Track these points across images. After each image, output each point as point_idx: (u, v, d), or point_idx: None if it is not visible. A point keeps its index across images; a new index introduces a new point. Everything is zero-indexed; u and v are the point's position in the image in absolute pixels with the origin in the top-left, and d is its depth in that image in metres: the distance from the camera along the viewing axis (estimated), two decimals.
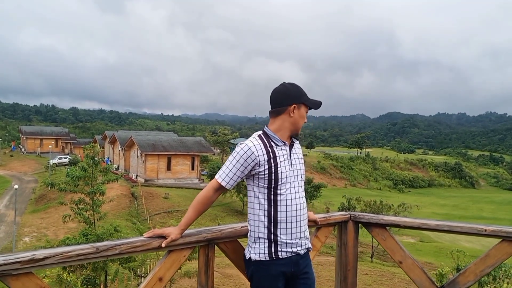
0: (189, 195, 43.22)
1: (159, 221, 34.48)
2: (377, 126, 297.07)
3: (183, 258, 2.71)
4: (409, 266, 3.26)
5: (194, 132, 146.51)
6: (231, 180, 2.69)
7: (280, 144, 2.71)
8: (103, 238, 15.35)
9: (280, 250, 2.65)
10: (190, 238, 2.69)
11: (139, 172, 49.98)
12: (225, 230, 2.84)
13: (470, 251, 32.02)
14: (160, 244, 2.57)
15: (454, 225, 3.18)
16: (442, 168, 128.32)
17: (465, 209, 78.48)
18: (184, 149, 51.44)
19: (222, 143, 77.12)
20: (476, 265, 3.05)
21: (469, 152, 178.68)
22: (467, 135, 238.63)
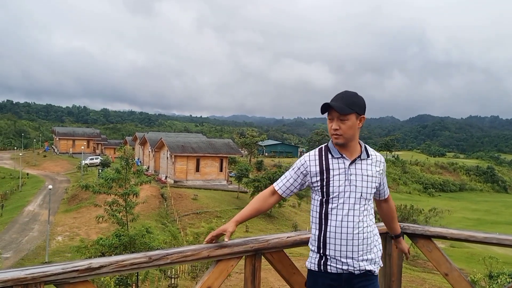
0: (217, 197, 43.46)
1: (188, 222, 34.77)
2: (406, 129, 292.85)
3: (230, 268, 2.73)
4: (456, 279, 3.21)
5: (222, 134, 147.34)
6: (283, 186, 2.81)
7: (337, 156, 2.68)
8: (136, 238, 15.59)
9: (329, 264, 2.64)
10: (238, 248, 2.72)
11: (169, 173, 50.50)
12: (272, 240, 2.85)
13: (503, 257, 31.27)
14: (209, 253, 2.61)
15: (503, 238, 3.12)
16: (473, 172, 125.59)
17: (497, 214, 76.68)
18: (213, 150, 51.75)
19: (250, 145, 77.40)
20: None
21: (502, 156, 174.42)
22: (500, 139, 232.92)
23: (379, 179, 2.71)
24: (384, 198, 2.91)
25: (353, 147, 2.69)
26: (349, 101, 2.62)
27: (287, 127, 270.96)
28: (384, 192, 2.89)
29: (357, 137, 2.70)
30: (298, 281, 3.02)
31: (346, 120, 2.61)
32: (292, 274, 2.99)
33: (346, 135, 2.62)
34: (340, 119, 2.61)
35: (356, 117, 2.63)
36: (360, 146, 2.72)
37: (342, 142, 2.65)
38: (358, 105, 2.65)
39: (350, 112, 2.60)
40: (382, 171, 2.74)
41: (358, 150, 2.70)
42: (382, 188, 2.85)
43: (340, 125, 2.61)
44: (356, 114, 2.63)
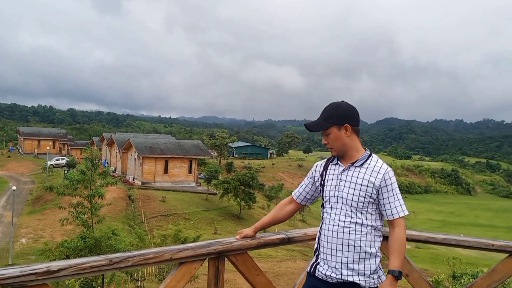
0: (186, 199, 43.17)
1: (156, 224, 34.42)
2: (374, 132, 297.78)
3: (193, 270, 2.72)
4: (416, 279, 3.27)
5: (192, 135, 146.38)
6: (298, 192, 2.97)
7: (334, 162, 2.78)
8: (101, 241, 15.34)
9: (319, 268, 2.72)
10: (201, 250, 2.71)
11: (136, 174, 49.88)
12: (236, 242, 2.86)
13: (466, 258, 32.08)
14: (171, 256, 2.59)
15: (461, 239, 3.20)
16: (438, 174, 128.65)
17: (461, 216, 78.70)
18: (182, 152, 51.37)
19: (219, 146, 77.14)
20: (482, 280, 3.08)
21: (466, 159, 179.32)
22: (464, 142, 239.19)
23: (372, 190, 2.61)
24: (390, 220, 2.68)
25: (350, 155, 2.71)
26: (326, 115, 2.68)
27: (258, 129, 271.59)
28: (387, 212, 2.65)
29: (353, 146, 2.70)
30: (262, 282, 3.03)
31: (329, 134, 2.68)
32: (256, 276, 3.00)
33: (335, 147, 2.70)
34: (324, 134, 2.70)
35: (337, 128, 2.66)
36: (360, 154, 2.71)
37: (335, 154, 2.74)
38: (337, 116, 2.66)
39: (327, 126, 2.66)
40: (382, 184, 2.62)
41: (355, 157, 2.70)
42: (383, 204, 2.65)
43: (327, 140, 2.70)
44: (336, 125, 2.65)
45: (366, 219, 2.62)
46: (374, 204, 2.64)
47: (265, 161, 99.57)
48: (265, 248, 3.10)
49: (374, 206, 2.65)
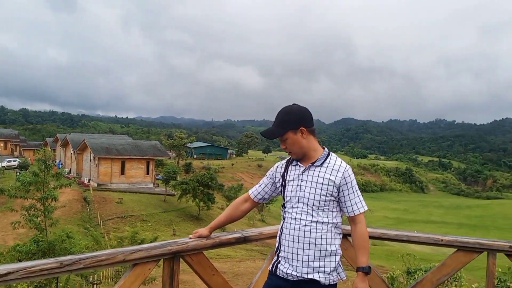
0: (143, 200, 42.54)
1: (112, 226, 33.76)
2: (332, 132, 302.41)
3: (148, 271, 2.68)
4: (370, 276, 3.34)
5: (149, 136, 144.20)
6: (256, 191, 2.97)
7: (294, 164, 2.81)
8: (55, 244, 14.90)
9: (280, 266, 2.74)
10: (155, 251, 2.67)
11: (92, 176, 48.75)
12: (191, 242, 2.84)
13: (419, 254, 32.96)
14: (125, 257, 2.54)
15: (412, 235, 3.29)
16: (393, 173, 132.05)
17: (415, 213, 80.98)
18: (139, 152, 50.59)
19: (178, 147, 76.48)
20: (433, 274, 3.17)
21: (419, 158, 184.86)
22: (418, 141, 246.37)
23: (333, 188, 2.66)
24: (350, 216, 2.76)
25: (309, 156, 2.74)
26: (279, 122, 2.71)
27: (217, 129, 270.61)
28: (348, 209, 2.73)
29: (311, 146, 2.74)
30: (218, 282, 3.03)
31: (286, 139, 2.71)
32: (212, 276, 2.99)
33: (293, 151, 2.74)
34: (281, 140, 2.72)
35: (293, 133, 2.69)
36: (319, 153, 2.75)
37: (295, 157, 2.77)
38: (290, 121, 2.69)
39: (282, 133, 2.70)
40: (342, 182, 2.68)
41: (314, 157, 2.74)
42: (344, 201, 2.72)
43: (285, 145, 2.74)
44: (291, 130, 2.68)
45: (327, 217, 2.67)
46: (335, 202, 2.70)
47: (224, 162, 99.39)
48: (221, 247, 3.09)
49: (335, 204, 2.71)
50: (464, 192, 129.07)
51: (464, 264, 3.12)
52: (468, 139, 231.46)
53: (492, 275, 3.03)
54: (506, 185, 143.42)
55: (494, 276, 3.03)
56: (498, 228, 65.50)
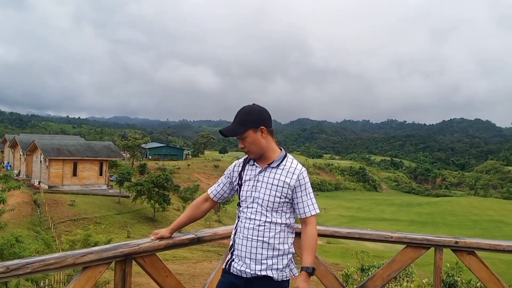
0: (97, 202, 41.59)
1: (64, 229, 32.83)
2: (288, 132, 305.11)
3: (99, 274, 2.62)
4: (322, 273, 3.39)
5: (102, 136, 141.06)
6: (215, 190, 2.97)
7: (251, 163, 2.83)
8: (3, 249, 14.36)
9: (233, 264, 2.77)
10: (107, 253, 2.61)
11: (43, 178, 47.24)
12: (143, 244, 2.79)
13: (373, 251, 33.78)
14: (74, 261, 2.48)
15: (363, 233, 3.37)
16: (347, 172, 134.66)
17: (368, 211, 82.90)
18: (92, 154, 49.43)
19: (132, 148, 75.23)
20: (383, 270, 3.25)
21: (372, 157, 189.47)
22: (371, 141, 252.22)
23: (287, 190, 2.70)
24: (302, 218, 2.80)
25: (267, 156, 2.77)
26: (240, 120, 2.72)
27: (172, 130, 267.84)
28: (300, 210, 2.76)
29: (269, 147, 2.76)
30: (171, 284, 3.00)
31: (245, 138, 2.70)
32: (165, 278, 2.96)
33: (252, 150, 2.74)
34: (241, 138, 2.72)
35: (254, 132, 2.70)
36: (276, 154, 2.78)
37: (253, 157, 2.79)
38: (251, 120, 2.71)
39: (243, 131, 2.70)
40: (296, 184, 2.72)
41: (271, 158, 2.77)
42: (297, 203, 2.76)
43: (243, 144, 2.73)
44: (252, 129, 2.69)
45: (280, 218, 2.71)
46: (288, 203, 2.75)
47: (180, 162, 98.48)
48: (174, 248, 3.06)
49: (289, 205, 2.76)
50: (415, 190, 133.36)
51: (413, 260, 3.21)
52: (418, 139, 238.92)
53: (439, 270, 3.14)
54: (454, 183, 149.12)
55: (441, 271, 3.14)
56: (447, 224, 68.06)
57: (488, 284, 3.06)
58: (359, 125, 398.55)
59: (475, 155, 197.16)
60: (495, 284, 3.03)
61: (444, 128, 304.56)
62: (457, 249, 3.11)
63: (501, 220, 71.02)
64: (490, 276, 3.04)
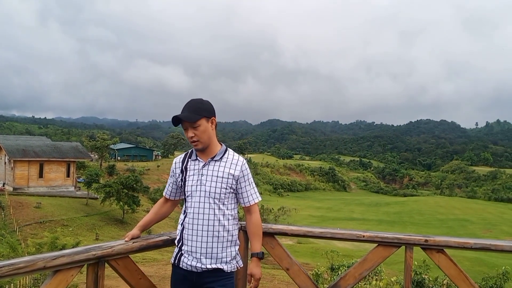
0: (64, 204, 40.78)
1: (30, 232, 32.06)
2: (258, 133, 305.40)
3: (70, 278, 2.58)
4: (296, 272, 3.41)
5: (70, 137, 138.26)
6: (167, 190, 3.04)
7: (194, 158, 2.88)
8: None
9: (183, 259, 2.81)
10: (79, 256, 2.57)
11: (7, 179, 46.04)
12: (116, 246, 2.76)
13: (342, 250, 34.19)
14: (45, 264, 2.43)
15: (336, 232, 3.40)
16: (317, 172, 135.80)
17: (338, 211, 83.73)
18: (59, 155, 48.46)
19: (100, 149, 73.94)
20: (355, 269, 3.30)
21: (341, 158, 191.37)
22: (340, 142, 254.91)
23: (232, 181, 2.81)
24: (246, 207, 2.95)
25: (210, 149, 2.85)
26: (195, 108, 2.78)
27: (142, 130, 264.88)
28: (245, 199, 2.91)
29: (214, 140, 2.86)
30: (144, 286, 3.00)
31: (198, 126, 2.76)
32: (138, 280, 2.94)
33: (202, 139, 2.79)
34: (192, 127, 2.76)
35: (206, 121, 2.78)
36: (218, 148, 2.87)
37: (201, 147, 2.81)
38: (205, 109, 2.80)
39: (198, 118, 2.75)
40: (240, 174, 2.85)
41: (214, 152, 2.85)
42: (241, 193, 2.89)
43: (194, 132, 2.77)
44: (205, 118, 2.78)
45: (227, 209, 2.82)
46: (233, 194, 2.86)
47: (150, 163, 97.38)
48: (148, 250, 3.05)
49: (233, 196, 2.87)
50: (383, 190, 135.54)
51: (384, 258, 3.27)
52: (386, 140, 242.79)
53: (409, 268, 3.20)
54: (421, 182, 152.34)
55: (411, 269, 3.20)
56: (414, 223, 69.41)
57: (456, 281, 3.14)
58: (329, 126, 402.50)
59: (441, 156, 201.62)
60: (463, 281, 3.11)
61: (411, 129, 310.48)
62: (427, 247, 3.18)
63: (465, 218, 72.89)
64: (458, 273, 3.12)
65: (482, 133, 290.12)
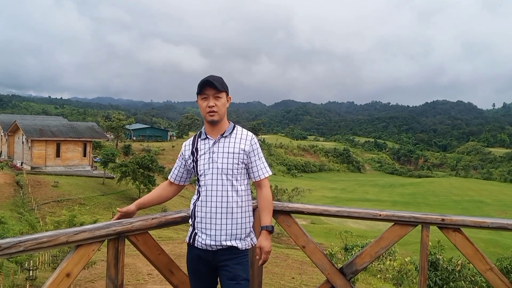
0: (81, 183, 41.33)
1: (48, 210, 32.61)
2: (272, 113, 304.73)
3: (92, 253, 2.63)
4: (312, 250, 3.45)
5: (86, 117, 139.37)
6: (173, 174, 3.05)
7: (203, 137, 2.89)
8: None
9: (197, 238, 2.84)
10: (100, 231, 2.62)
11: (25, 159, 46.71)
12: (136, 222, 2.81)
13: (356, 231, 34.31)
14: (67, 239, 2.48)
15: (352, 211, 3.42)
16: (331, 153, 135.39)
17: (352, 192, 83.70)
18: (75, 134, 48.92)
19: (116, 129, 74.60)
20: (371, 247, 3.32)
21: (356, 139, 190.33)
22: (355, 123, 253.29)
23: (243, 156, 2.83)
24: (257, 181, 2.94)
25: (221, 126, 2.87)
26: (220, 81, 2.81)
27: (157, 111, 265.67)
28: (255, 174, 2.90)
29: (226, 117, 2.89)
30: (163, 261, 3.04)
31: (220, 97, 2.79)
32: (157, 255, 2.99)
33: (220, 112, 2.81)
34: (215, 96, 2.78)
35: (226, 96, 2.84)
36: (227, 125, 2.89)
37: (217, 119, 2.82)
38: (226, 86, 2.85)
39: (223, 90, 2.80)
40: (250, 149, 2.86)
41: (224, 129, 2.87)
42: (252, 167, 2.89)
43: (215, 103, 2.78)
44: (226, 93, 2.84)
45: (240, 185, 2.83)
46: (244, 169, 2.87)
47: (165, 144, 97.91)
48: (167, 226, 3.10)
49: (245, 171, 2.88)
50: (398, 171, 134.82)
51: (400, 237, 3.28)
52: (401, 121, 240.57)
53: (425, 247, 3.21)
54: (436, 164, 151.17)
55: (428, 248, 3.21)
56: (428, 204, 69.17)
57: (472, 260, 3.15)
58: (344, 107, 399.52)
59: (457, 137, 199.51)
60: (479, 260, 3.12)
61: (427, 110, 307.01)
62: (443, 226, 3.18)
63: (481, 200, 72.42)
64: (475, 252, 3.12)
65: (499, 114, 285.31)
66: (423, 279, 3.24)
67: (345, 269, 3.38)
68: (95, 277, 15.98)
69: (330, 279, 3.39)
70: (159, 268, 3.05)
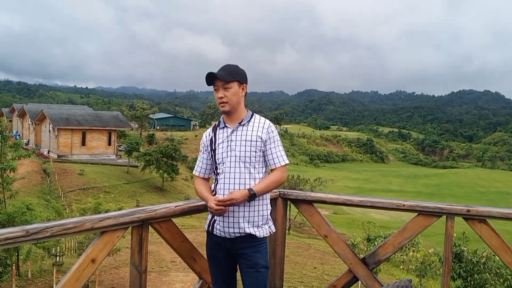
0: (106, 171, 41.98)
1: (74, 198, 33.27)
2: (295, 103, 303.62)
3: (116, 239, 2.67)
4: (334, 240, 3.44)
5: (110, 106, 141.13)
6: (198, 167, 3.01)
7: (222, 126, 2.90)
8: (15, 216, 14.58)
9: (216, 225, 2.86)
10: (124, 218, 2.65)
11: (52, 147, 47.62)
12: (159, 210, 2.83)
13: (379, 222, 34.09)
14: (93, 225, 2.52)
15: (375, 201, 3.39)
16: (355, 144, 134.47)
17: (375, 182, 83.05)
18: (100, 123, 49.61)
19: (140, 118, 75.31)
20: (394, 238, 3.29)
21: (380, 129, 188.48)
22: (379, 113, 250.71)
23: (261, 143, 2.81)
24: (273, 169, 2.89)
25: (238, 115, 2.87)
26: (230, 71, 2.81)
27: (180, 100, 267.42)
28: (271, 161, 2.84)
29: (242, 106, 2.88)
30: (186, 248, 3.07)
31: (229, 88, 2.78)
32: (180, 243, 3.02)
33: (231, 102, 2.80)
34: (224, 87, 2.78)
35: (238, 85, 2.81)
36: (244, 114, 2.89)
37: (228, 110, 2.82)
38: (239, 74, 2.83)
39: (232, 80, 2.78)
40: (267, 136, 2.83)
41: (241, 117, 2.87)
42: (268, 155, 2.83)
43: (225, 93, 2.78)
44: (238, 82, 2.81)
45: (258, 173, 2.82)
46: (262, 157, 2.85)
47: (188, 133, 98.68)
48: (190, 214, 3.12)
49: (263, 159, 2.86)
50: (422, 162, 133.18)
51: (424, 228, 3.24)
52: (426, 110, 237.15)
53: (450, 238, 3.16)
54: (461, 154, 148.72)
55: (452, 239, 3.17)
56: (453, 196, 68.18)
57: (498, 252, 3.09)
58: (368, 96, 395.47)
59: (483, 127, 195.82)
60: (505, 252, 3.06)
61: (453, 99, 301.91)
62: (468, 217, 3.12)
63: (507, 192, 71.05)
64: (501, 244, 3.06)
65: None
66: (447, 271, 3.20)
67: (368, 259, 3.36)
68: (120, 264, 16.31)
69: (352, 269, 3.38)
70: (182, 255, 3.08)
